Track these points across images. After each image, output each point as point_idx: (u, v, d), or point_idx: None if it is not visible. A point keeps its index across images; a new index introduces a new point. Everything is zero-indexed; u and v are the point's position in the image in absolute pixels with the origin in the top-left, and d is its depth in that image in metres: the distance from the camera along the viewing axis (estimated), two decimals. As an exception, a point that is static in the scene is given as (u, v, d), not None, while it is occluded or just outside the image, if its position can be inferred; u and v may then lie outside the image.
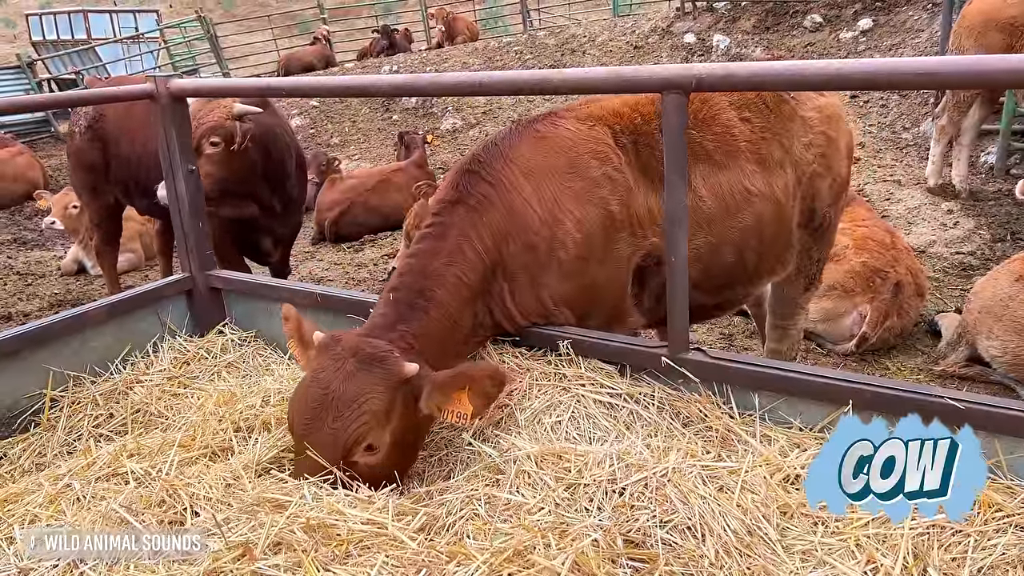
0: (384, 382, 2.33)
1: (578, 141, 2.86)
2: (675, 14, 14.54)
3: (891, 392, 2.29)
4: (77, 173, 6.39)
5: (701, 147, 3.01)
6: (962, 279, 6.13)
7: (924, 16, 11.24)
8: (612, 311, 2.93)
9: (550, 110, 3.05)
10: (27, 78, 20.08)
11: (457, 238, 2.68)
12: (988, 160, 8.49)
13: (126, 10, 28.04)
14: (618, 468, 2.11)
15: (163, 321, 3.54)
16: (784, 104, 3.25)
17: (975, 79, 2.31)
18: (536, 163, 2.81)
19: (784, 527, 2.02)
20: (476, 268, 2.66)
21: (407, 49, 19.43)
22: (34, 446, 2.89)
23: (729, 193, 3.04)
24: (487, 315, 2.73)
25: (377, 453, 2.35)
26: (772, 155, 3.17)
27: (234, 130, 4.77)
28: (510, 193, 2.74)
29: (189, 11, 28.81)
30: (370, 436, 2.31)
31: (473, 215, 2.71)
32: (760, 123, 3.17)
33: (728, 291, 3.33)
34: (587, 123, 2.93)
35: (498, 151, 2.84)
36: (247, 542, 1.94)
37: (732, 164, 3.06)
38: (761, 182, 3.12)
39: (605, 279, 2.85)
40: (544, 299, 2.76)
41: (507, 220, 2.72)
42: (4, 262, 8.82)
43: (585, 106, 3.05)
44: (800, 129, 3.27)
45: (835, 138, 3.39)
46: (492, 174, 2.77)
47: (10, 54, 26.98)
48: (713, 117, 3.08)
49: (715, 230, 3.02)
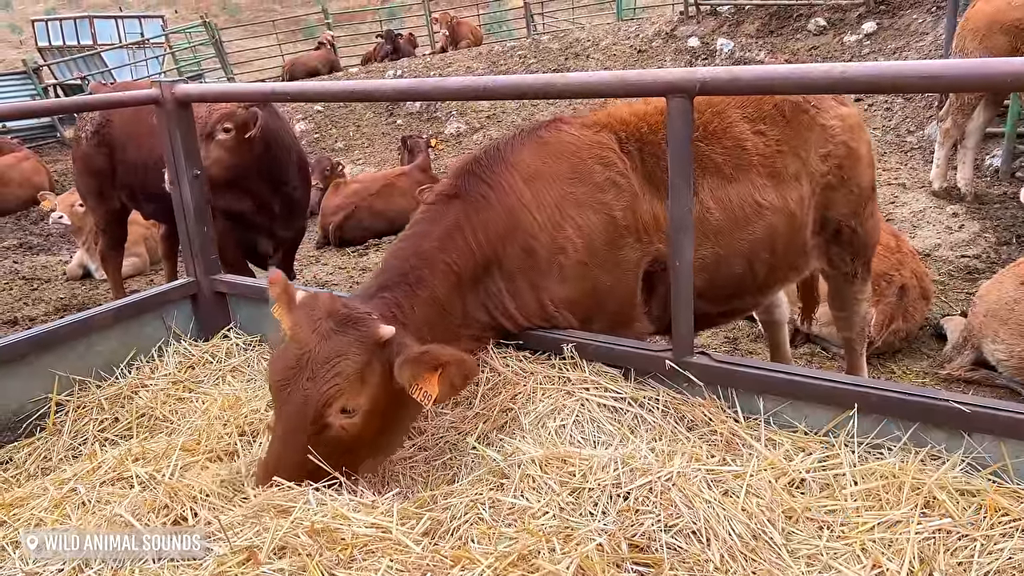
0: (359, 344, 2.29)
1: (582, 146, 2.86)
2: (679, 18, 14.57)
3: (896, 396, 2.28)
4: (83, 178, 6.42)
5: (710, 160, 3.00)
6: (967, 282, 6.12)
7: (928, 19, 11.24)
8: (616, 316, 2.92)
9: (555, 116, 3.05)
10: (33, 83, 20.19)
11: (450, 227, 2.67)
12: (993, 163, 8.48)
13: (132, 16, 28.20)
14: (623, 472, 2.10)
15: (168, 325, 3.55)
16: (803, 114, 3.22)
17: (980, 82, 2.30)
18: (537, 168, 2.81)
19: (789, 531, 2.01)
20: (466, 258, 2.64)
21: (411, 54, 19.49)
22: (39, 450, 2.90)
23: (739, 206, 3.03)
24: (482, 311, 2.72)
25: (353, 417, 2.29)
26: (787, 168, 3.15)
27: (248, 118, 4.84)
28: (509, 196, 2.74)
29: (194, 16, 28.93)
30: (343, 398, 2.26)
31: (469, 210, 2.71)
32: (775, 135, 3.15)
33: (735, 300, 3.33)
34: (592, 129, 2.93)
35: (499, 155, 2.84)
36: (252, 546, 1.94)
37: (742, 177, 3.05)
38: (774, 195, 3.10)
39: (609, 284, 2.85)
40: (545, 302, 2.76)
41: (504, 222, 2.71)
42: (10, 267, 8.85)
43: (591, 114, 3.05)
44: (819, 139, 3.24)
45: (856, 148, 3.36)
46: (492, 177, 2.77)
47: (16, 59, 27.11)
48: (724, 130, 3.07)
49: (722, 242, 3.02)
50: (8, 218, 11.34)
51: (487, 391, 2.63)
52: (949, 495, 2.05)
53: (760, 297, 3.46)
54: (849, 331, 4.05)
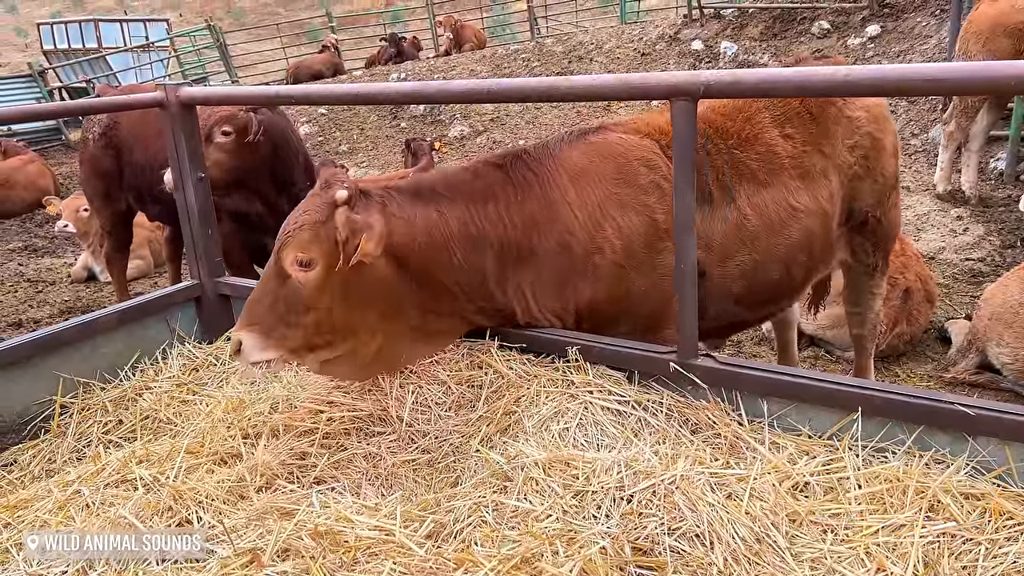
0: (321, 203, 2.50)
1: (628, 148, 2.89)
2: (682, 21, 14.56)
3: (901, 399, 2.28)
4: (90, 180, 6.43)
5: (746, 166, 3.01)
6: (972, 286, 6.11)
7: (932, 22, 11.22)
8: (648, 320, 2.91)
9: (601, 124, 3.08)
10: (38, 86, 20.26)
11: (486, 190, 2.74)
12: (998, 166, 8.46)
13: (137, 19, 28.32)
14: (626, 475, 2.10)
15: (172, 328, 3.56)
16: (830, 106, 3.22)
17: (984, 85, 2.30)
18: (584, 167, 2.83)
19: (793, 535, 2.01)
20: (496, 228, 2.70)
21: (415, 57, 19.50)
22: (44, 452, 2.90)
23: (774, 211, 3.04)
24: (500, 292, 2.74)
25: (309, 272, 2.48)
26: (814, 166, 3.15)
27: (248, 121, 4.84)
28: (552, 190, 2.78)
29: (199, 20, 29.01)
30: (294, 247, 2.47)
31: (509, 187, 2.76)
32: (802, 136, 3.15)
33: (772, 305, 3.34)
34: (636, 135, 2.95)
35: (548, 151, 2.88)
36: (255, 549, 1.95)
37: (775, 182, 3.06)
38: (806, 197, 3.11)
39: (643, 288, 2.84)
40: (567, 300, 2.78)
41: (543, 212, 2.75)
42: (15, 269, 8.87)
43: (631, 122, 3.07)
44: (845, 131, 3.25)
45: (881, 139, 3.37)
46: (538, 167, 2.82)
47: (22, 63, 27.22)
48: (756, 136, 3.08)
49: (759, 247, 3.02)
50: (13, 221, 11.36)
51: (490, 394, 2.63)
52: (953, 499, 2.04)
53: (795, 298, 3.48)
54: (861, 328, 4.03)
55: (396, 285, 2.61)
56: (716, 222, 2.91)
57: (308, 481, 2.43)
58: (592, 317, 2.85)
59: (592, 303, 2.80)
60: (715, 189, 2.92)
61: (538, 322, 2.80)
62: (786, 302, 3.41)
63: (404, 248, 2.58)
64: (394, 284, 2.60)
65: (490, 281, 2.73)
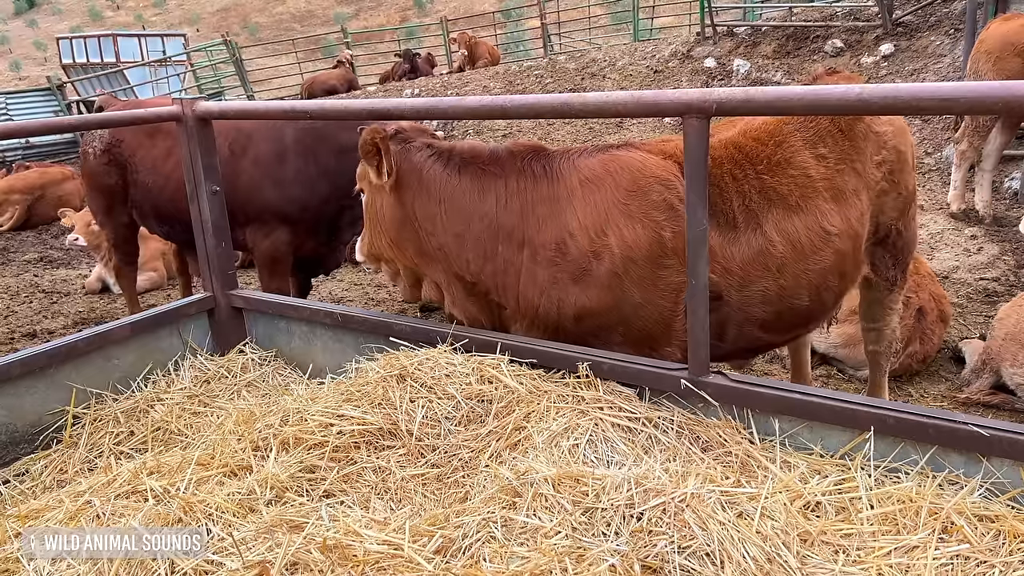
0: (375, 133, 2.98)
1: (646, 165, 2.89)
2: (695, 38, 14.59)
3: (914, 418, 2.26)
4: (92, 194, 6.27)
5: (776, 191, 2.97)
6: (986, 305, 6.06)
7: (946, 41, 11.20)
8: (641, 335, 2.91)
9: (627, 141, 3.12)
10: (57, 100, 20.49)
11: (496, 179, 2.94)
12: (1012, 186, 8.41)
13: (154, 34, 28.68)
14: (636, 493, 2.09)
15: (185, 340, 3.58)
16: (858, 122, 3.20)
17: (999, 105, 2.29)
18: (598, 174, 2.87)
19: (804, 555, 1.99)
20: (497, 207, 2.91)
21: (428, 73, 19.61)
22: (56, 462, 2.92)
23: (806, 236, 3.00)
24: (488, 276, 2.95)
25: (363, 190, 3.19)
26: (847, 186, 3.12)
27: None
28: (559, 187, 2.85)
29: (215, 35, 29.31)
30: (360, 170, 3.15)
31: (518, 174, 2.92)
32: (835, 156, 3.11)
33: (800, 329, 3.33)
34: (660, 155, 2.95)
35: (566, 155, 2.96)
36: (264, 561, 1.95)
37: (808, 206, 3.01)
38: (839, 219, 3.07)
39: (638, 300, 2.84)
40: (552, 299, 2.84)
41: (544, 208, 2.83)
42: (30, 280, 8.95)
43: (657, 143, 3.07)
44: (873, 147, 3.24)
45: (904, 152, 3.37)
46: (551, 164, 2.93)
47: (41, 76, 27.55)
48: (788, 160, 3.04)
49: (787, 274, 2.98)
50: (29, 232, 11.48)
51: (500, 409, 2.63)
52: (967, 520, 2.02)
53: (824, 320, 3.47)
54: (878, 344, 4.00)
55: (400, 220, 3.05)
56: (738, 247, 2.89)
57: (317, 494, 2.43)
58: (580, 324, 2.86)
59: (580, 308, 2.81)
60: (739, 214, 2.90)
61: (512, 313, 2.97)
62: (814, 324, 3.39)
63: (406, 189, 3.01)
64: (399, 218, 3.05)
65: (468, 250, 2.94)
